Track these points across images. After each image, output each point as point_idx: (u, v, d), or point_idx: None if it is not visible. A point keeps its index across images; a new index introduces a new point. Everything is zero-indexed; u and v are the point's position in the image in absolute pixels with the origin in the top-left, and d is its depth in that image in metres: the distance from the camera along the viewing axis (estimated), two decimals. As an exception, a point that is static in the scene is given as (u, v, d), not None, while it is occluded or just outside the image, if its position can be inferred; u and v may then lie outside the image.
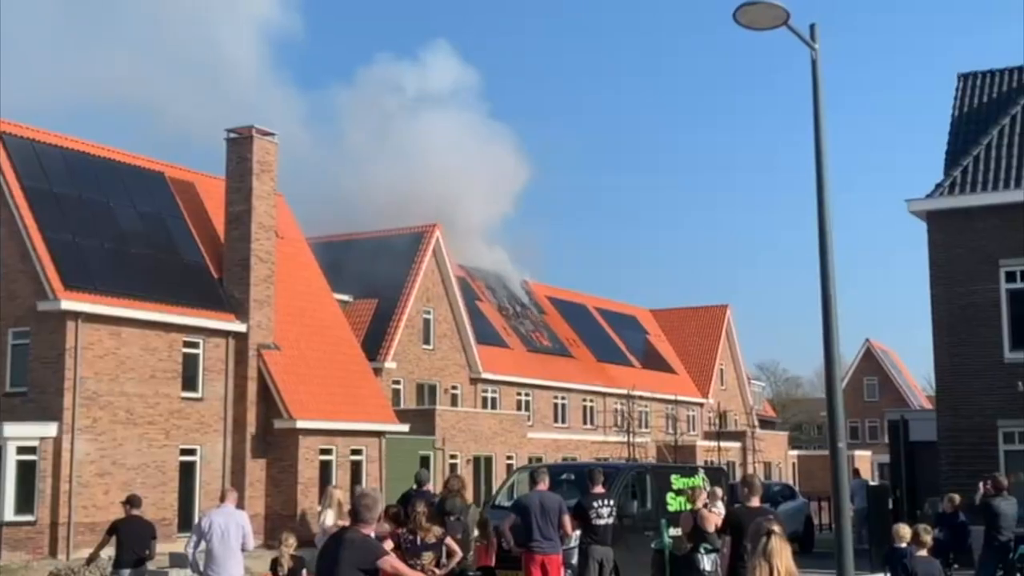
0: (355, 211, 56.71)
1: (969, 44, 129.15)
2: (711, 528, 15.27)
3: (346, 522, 10.72)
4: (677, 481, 21.56)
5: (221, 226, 34.47)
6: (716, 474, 24.42)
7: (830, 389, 13.31)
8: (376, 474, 35.63)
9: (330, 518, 16.82)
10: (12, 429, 27.93)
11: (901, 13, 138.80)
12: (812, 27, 13.43)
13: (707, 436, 59.43)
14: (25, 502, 28.04)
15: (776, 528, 5.86)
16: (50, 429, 28.31)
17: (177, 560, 23.97)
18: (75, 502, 28.35)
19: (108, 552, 16.05)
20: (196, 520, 21.96)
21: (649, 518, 19.97)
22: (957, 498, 19.31)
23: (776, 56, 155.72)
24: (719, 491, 19.27)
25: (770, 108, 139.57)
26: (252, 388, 33.06)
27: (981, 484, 19.38)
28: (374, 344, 42.79)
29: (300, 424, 32.97)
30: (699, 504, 16.56)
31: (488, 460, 43.01)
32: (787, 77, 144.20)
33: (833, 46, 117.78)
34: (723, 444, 54.86)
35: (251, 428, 32.87)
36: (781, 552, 5.71)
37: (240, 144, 34.22)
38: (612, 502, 16.65)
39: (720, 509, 16.80)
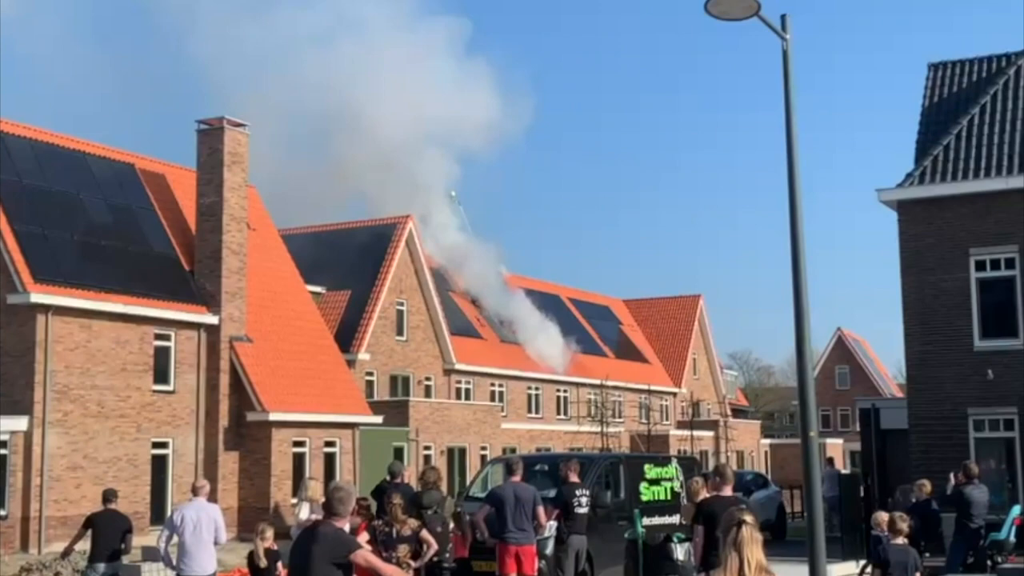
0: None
1: (939, 34, 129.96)
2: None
3: (320, 515, 10.68)
4: (650, 471, 21.59)
5: (192, 218, 34.27)
6: (689, 463, 24.49)
7: (801, 378, 13.36)
8: (350, 466, 35.56)
9: (305, 511, 16.74)
10: (-18, 423, 27.72)
11: (872, 3, 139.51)
12: (783, 17, 13.46)
13: (680, 425, 59.69)
14: (-4, 497, 27.87)
15: (748, 518, 5.85)
16: (21, 423, 28.10)
17: (149, 554, 23.77)
18: (46, 496, 28.16)
19: (82, 546, 15.97)
20: (168, 514, 21.85)
21: (623, 508, 20.01)
22: (928, 484, 19.46)
23: (751, 45, 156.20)
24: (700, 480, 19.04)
25: (743, 99, 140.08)
26: (224, 380, 32.92)
27: (952, 473, 19.53)
28: (347, 336, 42.71)
29: (273, 416, 32.86)
30: (701, 496, 16.09)
31: (462, 451, 43.03)
32: (759, 66, 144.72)
33: (804, 36, 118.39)
34: (696, 433, 55.11)
35: (224, 421, 32.73)
36: (752, 543, 5.71)
37: (211, 135, 34.01)
38: (588, 492, 16.70)
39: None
